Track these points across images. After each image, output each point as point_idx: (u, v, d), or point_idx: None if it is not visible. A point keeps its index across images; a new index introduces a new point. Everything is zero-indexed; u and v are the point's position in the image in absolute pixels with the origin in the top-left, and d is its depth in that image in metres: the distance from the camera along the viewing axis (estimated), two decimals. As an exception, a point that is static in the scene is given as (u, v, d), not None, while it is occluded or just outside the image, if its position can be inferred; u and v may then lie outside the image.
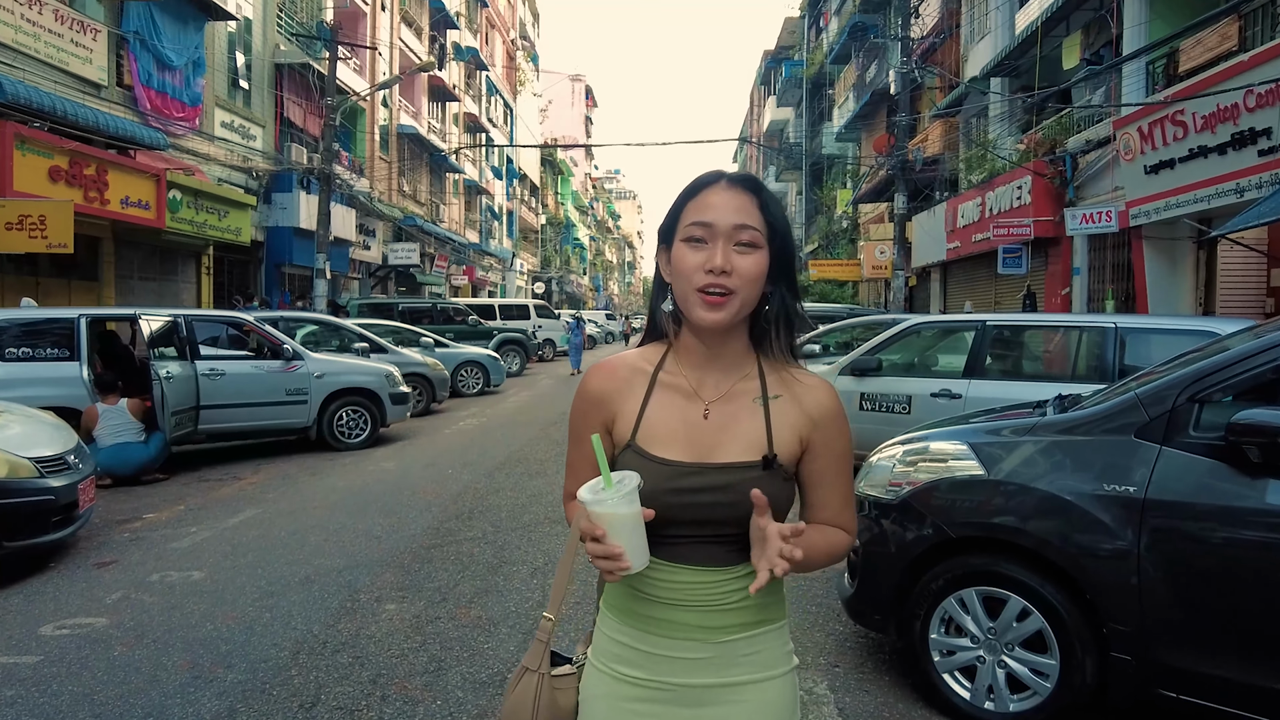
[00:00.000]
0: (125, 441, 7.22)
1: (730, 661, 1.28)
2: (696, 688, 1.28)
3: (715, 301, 1.24)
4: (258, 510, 6.23)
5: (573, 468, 1.39)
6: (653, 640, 1.28)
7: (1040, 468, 2.94)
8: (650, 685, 1.29)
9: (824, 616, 4.06)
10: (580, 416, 1.36)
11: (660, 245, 1.34)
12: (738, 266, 1.24)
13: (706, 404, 1.30)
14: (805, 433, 1.31)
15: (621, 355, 1.38)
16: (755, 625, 1.29)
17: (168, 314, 8.29)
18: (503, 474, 7.50)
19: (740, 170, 8.04)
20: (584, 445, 1.34)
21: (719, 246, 1.24)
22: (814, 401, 1.32)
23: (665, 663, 1.28)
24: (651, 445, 1.28)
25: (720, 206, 1.25)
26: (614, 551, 1.15)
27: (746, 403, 1.30)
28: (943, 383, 6.53)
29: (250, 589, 4.37)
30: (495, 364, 15.46)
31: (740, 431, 1.28)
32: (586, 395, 1.36)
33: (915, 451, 3.37)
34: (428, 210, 29.31)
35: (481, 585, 4.40)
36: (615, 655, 1.32)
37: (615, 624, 1.32)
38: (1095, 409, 2.97)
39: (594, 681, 1.34)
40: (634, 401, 1.32)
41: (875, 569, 3.31)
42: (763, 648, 1.30)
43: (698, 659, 1.27)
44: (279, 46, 18.76)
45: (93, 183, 11.61)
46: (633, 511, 1.16)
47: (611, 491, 1.17)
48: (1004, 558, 2.97)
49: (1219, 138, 9.23)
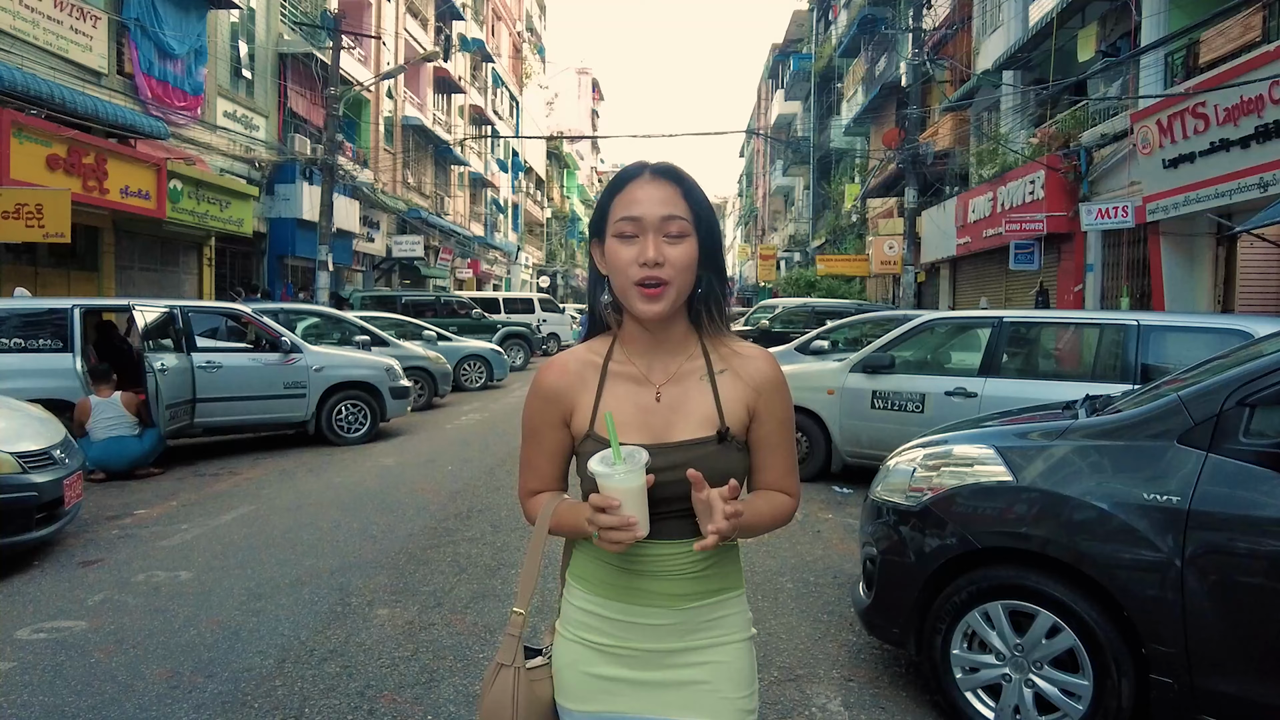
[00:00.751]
0: (119, 435, 7.06)
1: (693, 627, 1.35)
2: (660, 651, 1.34)
3: (652, 294, 1.29)
4: (251, 507, 6.07)
5: (530, 465, 1.44)
6: (620, 608, 1.34)
7: (1074, 474, 2.74)
8: (617, 651, 1.35)
9: (836, 625, 3.87)
10: (536, 414, 1.41)
11: (593, 239, 1.38)
12: (669, 257, 1.28)
13: (657, 387, 1.36)
14: (751, 401, 1.36)
15: (570, 351, 1.43)
16: (716, 593, 1.36)
17: (164, 305, 8.12)
18: (503, 471, 7.33)
19: (744, 166, 7.68)
20: (541, 441, 1.41)
21: (649, 239, 1.28)
22: (755, 370, 1.38)
23: (632, 629, 1.34)
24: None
25: (646, 200, 1.30)
26: (629, 521, 1.21)
27: (694, 381, 1.36)
28: (958, 381, 6.33)
29: (238, 591, 4.20)
30: (499, 358, 15.28)
31: (692, 409, 1.34)
32: (541, 392, 1.41)
33: (937, 455, 3.17)
34: (432, 203, 29.12)
35: (478, 589, 4.22)
36: (582, 624, 1.37)
37: (582, 594, 1.38)
38: (1134, 412, 2.77)
39: (562, 651, 1.39)
40: (588, 394, 1.37)
41: (894, 580, 3.12)
42: (723, 613, 1.37)
43: (663, 625, 1.34)
44: (282, 36, 18.57)
45: (92, 172, 11.44)
46: (641, 484, 1.22)
47: (623, 465, 1.23)
48: (1033, 570, 2.78)
49: (1242, 130, 8.98)
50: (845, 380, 6.84)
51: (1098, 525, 2.63)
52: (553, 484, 1.44)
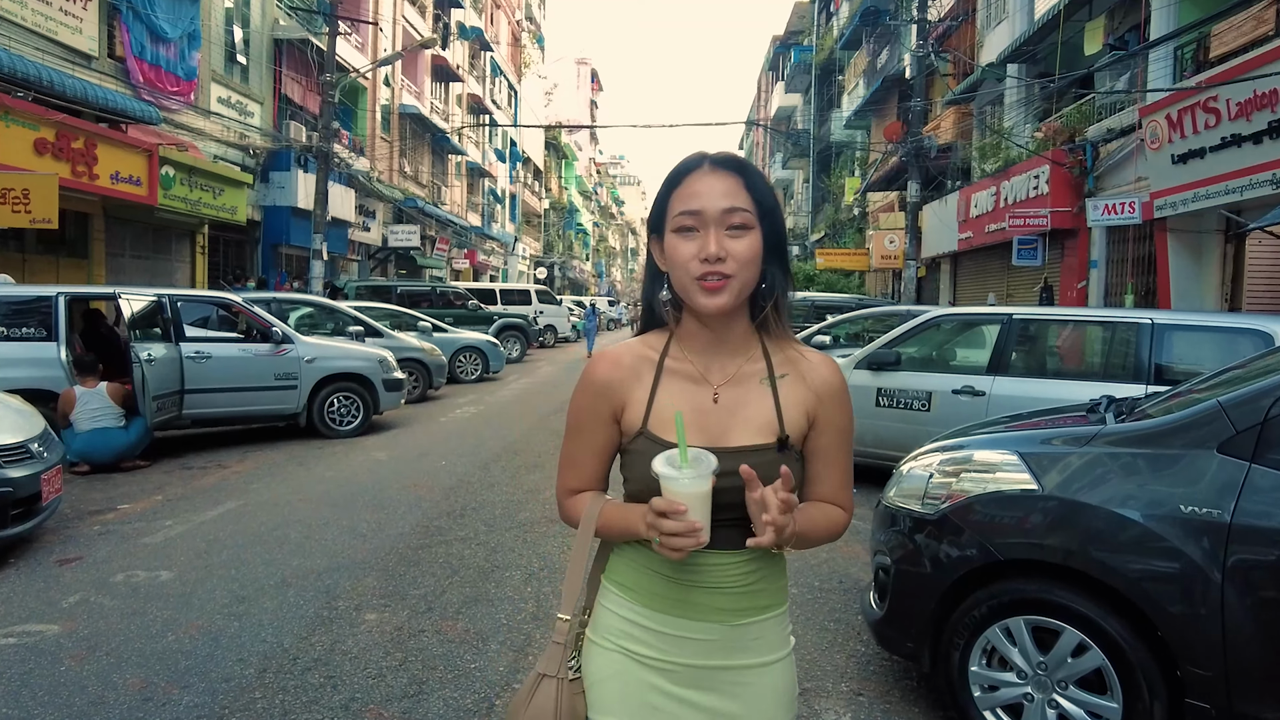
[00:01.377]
0: (104, 426, 6.87)
1: (740, 645, 1.29)
2: (706, 669, 1.28)
3: (714, 287, 1.23)
4: (239, 502, 5.90)
5: (573, 462, 1.37)
6: (667, 620, 1.28)
7: (1104, 484, 2.58)
8: (662, 665, 1.28)
9: (844, 635, 3.72)
10: (585, 407, 1.34)
11: (651, 235, 1.33)
12: (732, 250, 1.23)
13: (715, 388, 1.30)
14: (811, 409, 1.31)
15: (625, 344, 1.35)
16: (764, 610, 1.31)
17: (151, 293, 7.92)
18: (498, 466, 7.16)
19: (746, 155, 7.49)
20: (587, 437, 1.34)
21: (711, 233, 1.22)
22: (819, 378, 1.32)
23: (678, 642, 1.28)
24: (665, 431, 1.27)
25: (707, 192, 1.24)
26: (695, 526, 1.16)
27: (754, 384, 1.30)
28: (965, 379, 6.16)
29: (221, 592, 4.03)
30: (494, 350, 15.10)
31: (750, 414, 1.29)
32: (593, 385, 1.33)
33: (956, 460, 3.01)
34: (429, 192, 28.86)
35: (471, 593, 4.05)
36: (624, 633, 1.30)
37: (625, 601, 1.31)
38: (1169, 419, 2.60)
39: (602, 662, 1.32)
40: (642, 389, 1.31)
41: (909, 591, 2.96)
42: (767, 633, 1.32)
43: (710, 640, 1.28)
44: (278, 21, 18.30)
45: (81, 156, 11.22)
46: (708, 489, 1.17)
47: (690, 469, 1.17)
48: (1059, 584, 2.62)
49: (1255, 125, 8.80)
50: (850, 377, 6.64)
51: (1130, 538, 2.47)
52: (594, 483, 1.38)
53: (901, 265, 18.82)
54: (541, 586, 4.14)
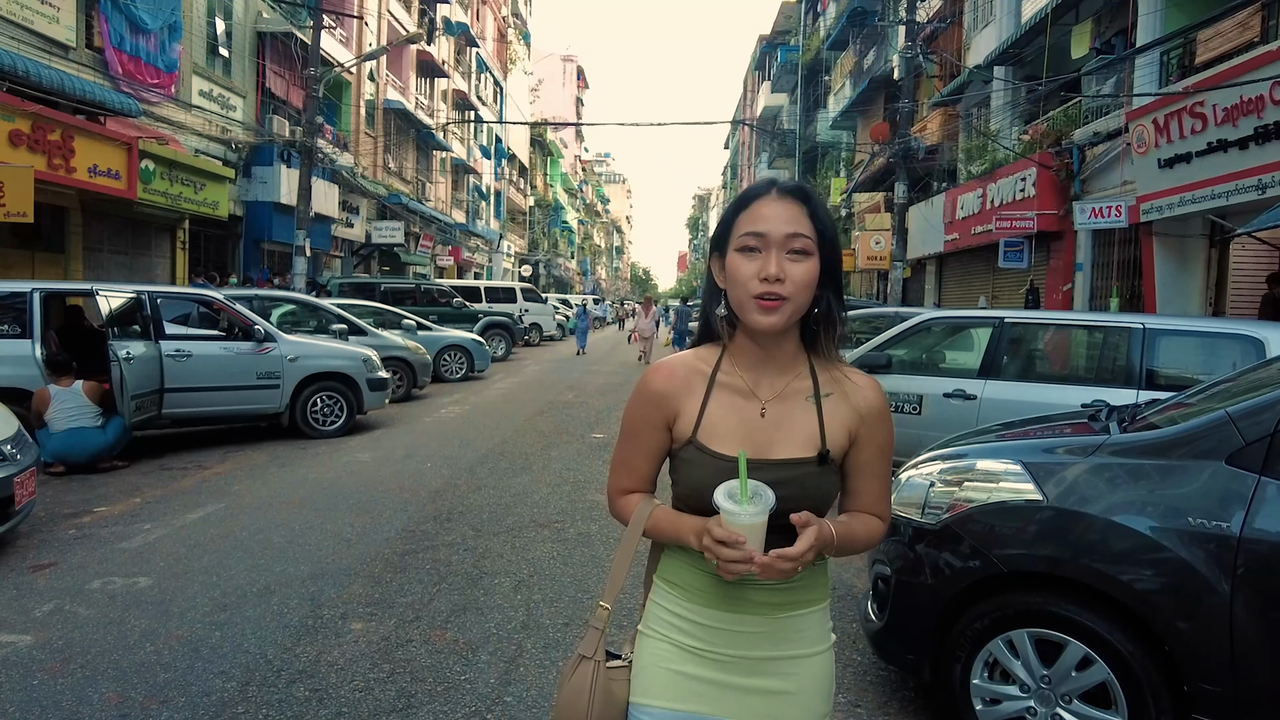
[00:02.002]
0: (80, 426, 6.71)
1: (784, 637, 1.37)
2: (751, 659, 1.36)
3: (770, 306, 1.30)
4: (220, 505, 5.77)
5: (626, 464, 1.46)
6: (715, 615, 1.36)
7: (1109, 495, 2.54)
8: (709, 655, 1.37)
9: (840, 644, 3.66)
10: (640, 415, 1.43)
11: (713, 253, 1.40)
12: (790, 274, 1.30)
13: (763, 403, 1.38)
14: (854, 427, 1.38)
15: (679, 356, 1.44)
16: (807, 604, 1.39)
17: (130, 290, 7.76)
18: (485, 469, 7.06)
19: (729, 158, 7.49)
20: (641, 442, 1.43)
21: (772, 255, 1.30)
22: (862, 399, 1.39)
23: (725, 635, 1.36)
24: (712, 441, 1.35)
25: (772, 217, 1.31)
26: (751, 555, 1.24)
27: (800, 401, 1.38)
28: (956, 382, 6.14)
29: (201, 600, 3.92)
30: (480, 348, 14.97)
31: (795, 429, 1.36)
32: (649, 394, 1.42)
33: (958, 469, 2.96)
34: (413, 188, 28.63)
35: (459, 601, 3.96)
36: (672, 625, 1.39)
37: (674, 598, 1.40)
38: (1176, 429, 2.56)
39: (647, 650, 1.40)
40: (694, 401, 1.39)
41: (909, 603, 2.91)
42: (810, 625, 1.40)
43: (756, 633, 1.36)
44: (261, 14, 18.05)
45: (58, 149, 10.99)
46: (763, 522, 1.26)
47: (751, 506, 1.26)
48: (1063, 597, 2.57)
49: (1241, 131, 8.86)
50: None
51: (1137, 551, 2.42)
52: (645, 484, 1.47)
53: (888, 266, 18.85)
54: (531, 594, 4.06)
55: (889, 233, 19.79)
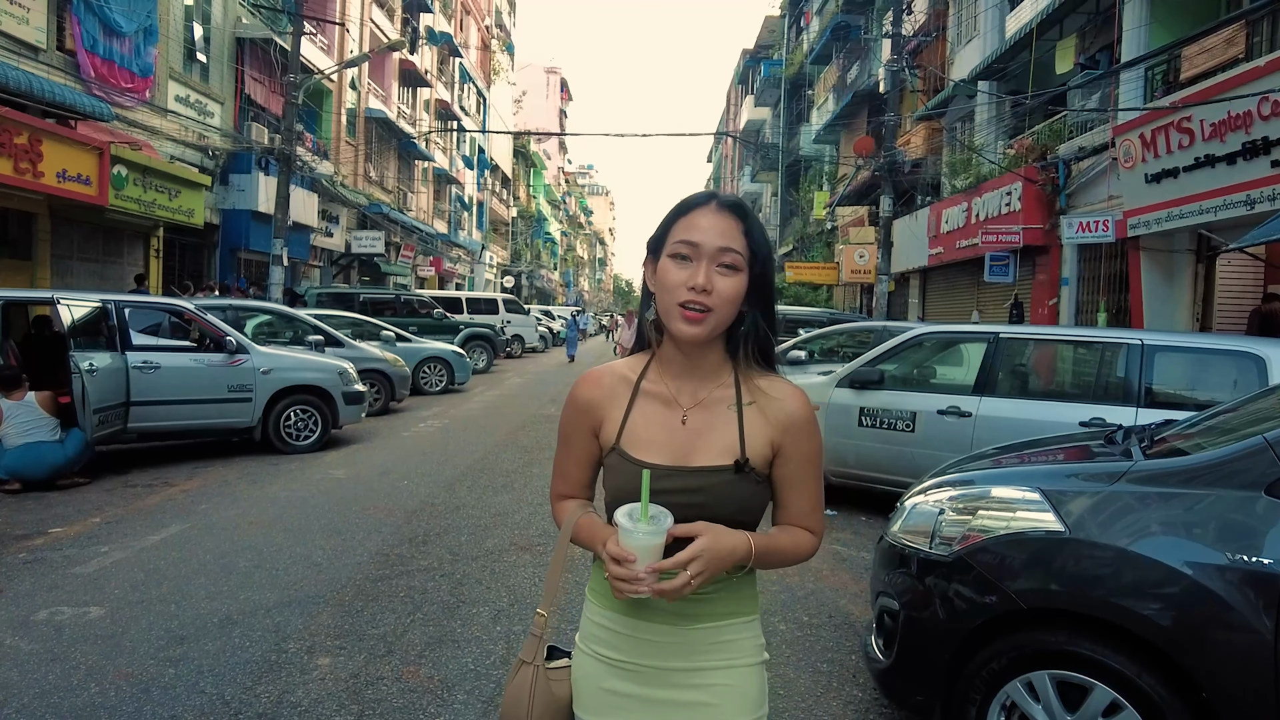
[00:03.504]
0: (37, 440, 6.40)
1: (700, 648, 1.36)
2: (668, 670, 1.36)
3: (693, 317, 1.31)
4: (184, 525, 5.48)
5: (562, 470, 1.50)
6: (629, 623, 1.37)
7: (1139, 527, 2.35)
8: (625, 666, 1.37)
9: (839, 679, 3.46)
10: (569, 422, 1.47)
11: (648, 257, 1.40)
12: (718, 287, 1.30)
13: (685, 410, 1.39)
14: (776, 438, 1.37)
15: (609, 365, 1.47)
16: (725, 616, 1.37)
17: (96, 299, 7.45)
18: (464, 486, 6.81)
19: (712, 171, 7.31)
20: (572, 448, 1.47)
21: (702, 266, 1.30)
22: (783, 410, 1.38)
23: (640, 644, 1.37)
24: (634, 449, 1.37)
25: (707, 228, 1.32)
26: (638, 577, 1.24)
27: (722, 410, 1.38)
28: (951, 399, 5.97)
29: (156, 632, 3.65)
30: (460, 360, 14.69)
31: (715, 437, 1.36)
32: (576, 402, 1.46)
33: (970, 497, 2.77)
34: (395, 198, 28.33)
35: (435, 633, 3.72)
36: (597, 638, 1.41)
37: (597, 608, 1.42)
38: (1208, 456, 2.39)
39: (579, 663, 1.43)
40: (618, 409, 1.41)
41: (920, 640, 2.71)
42: (732, 637, 1.38)
43: (668, 643, 1.36)
44: (241, 19, 17.78)
45: (24, 153, 10.64)
46: (659, 544, 1.25)
47: (647, 526, 1.25)
48: (1088, 636, 2.38)
49: (1229, 146, 8.83)
50: (831, 395, 6.46)
51: (1169, 587, 2.24)
52: (581, 491, 1.49)
53: (873, 279, 18.79)
54: (511, 625, 3.82)
55: (873, 246, 19.76)
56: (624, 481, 1.35)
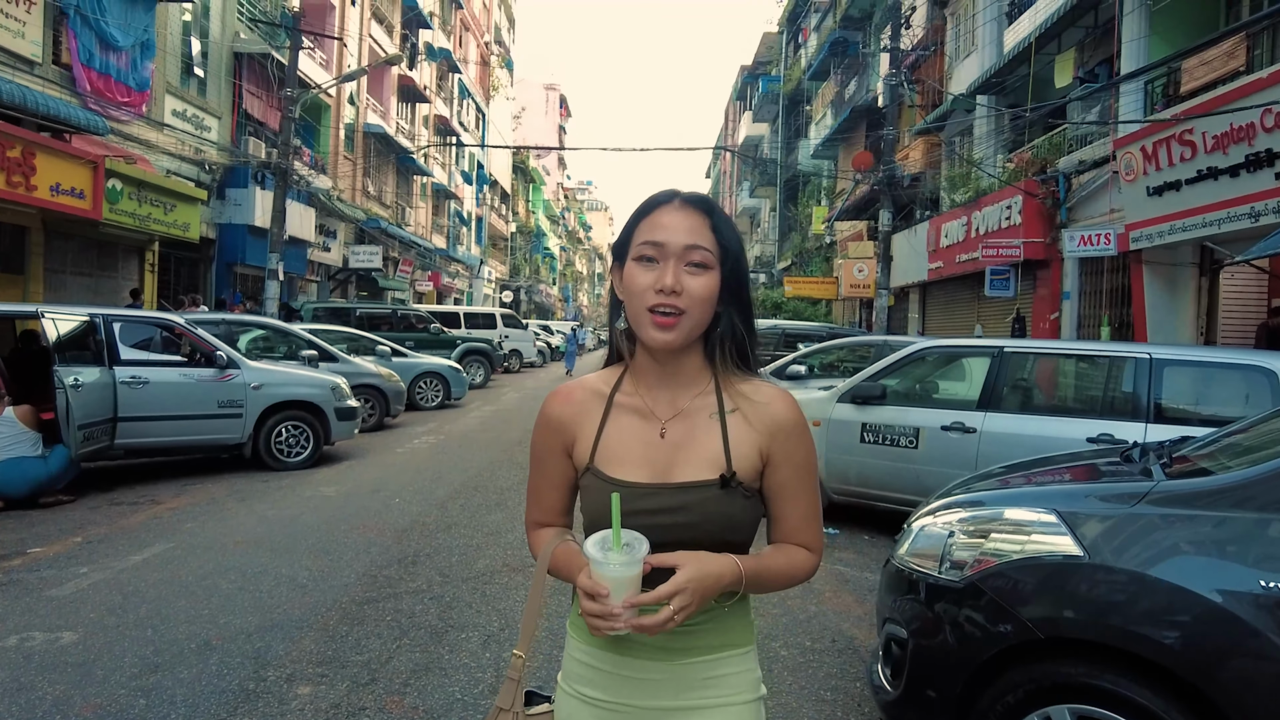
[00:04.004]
0: (19, 456, 6.25)
1: (689, 684, 1.26)
2: (656, 709, 1.27)
3: (665, 323, 1.23)
4: (168, 545, 5.33)
5: (536, 494, 1.40)
6: (613, 659, 1.27)
7: (1163, 551, 2.22)
8: (611, 706, 1.28)
9: (843, 706, 3.30)
10: (540, 442, 1.38)
11: (614, 263, 1.33)
12: (688, 287, 1.23)
13: (663, 423, 1.30)
14: (764, 445, 1.28)
15: (580, 379, 1.38)
16: (717, 649, 1.28)
17: (83, 313, 7.33)
18: (457, 505, 6.65)
19: (710, 187, 7.30)
20: (545, 470, 1.37)
21: (670, 266, 1.23)
22: (768, 414, 1.29)
23: (625, 683, 1.27)
24: (609, 467, 1.28)
25: (672, 227, 1.24)
26: (613, 612, 1.14)
27: (703, 419, 1.29)
28: (955, 415, 5.84)
29: (131, 659, 3.50)
30: (457, 375, 14.55)
31: (697, 450, 1.27)
32: (545, 421, 1.37)
33: (983, 519, 2.63)
34: (393, 213, 28.29)
35: (421, 659, 3.56)
36: (579, 676, 1.31)
37: (578, 644, 1.32)
38: (1236, 476, 2.25)
39: (561, 707, 1.33)
40: (591, 425, 1.32)
41: (930, 671, 2.56)
42: (726, 672, 1.28)
43: (657, 680, 1.26)
44: (239, 34, 17.76)
45: (17, 166, 10.54)
46: (635, 574, 1.15)
47: (620, 556, 1.15)
48: (1111, 669, 2.24)
49: (1232, 159, 8.75)
50: (833, 411, 6.33)
51: (1197, 616, 2.10)
52: (557, 517, 1.39)
53: (872, 294, 18.70)
54: (501, 651, 3.67)
55: (872, 260, 19.68)
56: (602, 504, 1.23)
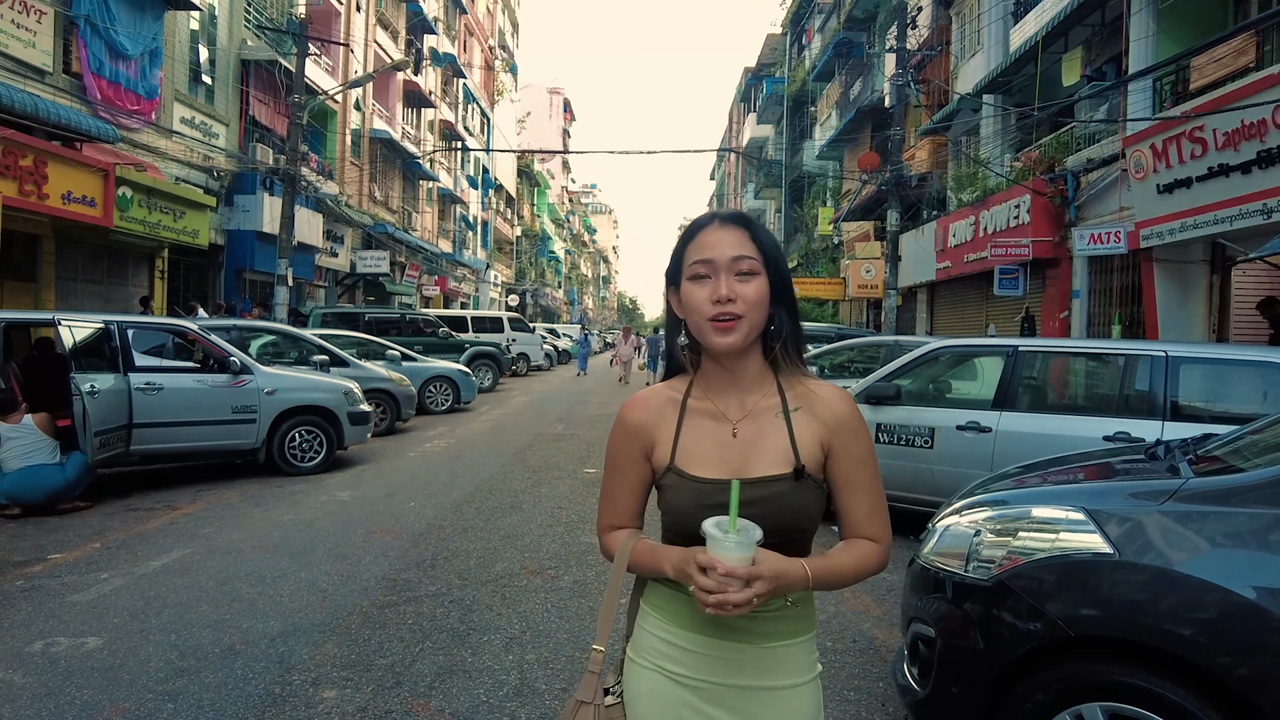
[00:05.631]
0: (37, 464, 6.29)
1: (768, 666, 1.36)
2: (737, 688, 1.36)
3: (725, 326, 1.34)
4: (186, 550, 5.35)
5: (611, 499, 1.48)
6: (700, 640, 1.36)
7: (1197, 550, 2.21)
8: (694, 682, 1.36)
9: (868, 707, 3.30)
10: (619, 447, 1.46)
11: (669, 288, 1.45)
12: (741, 293, 1.34)
13: (734, 424, 1.40)
14: (825, 438, 1.38)
15: (652, 388, 1.48)
16: (793, 634, 1.38)
17: (99, 320, 7.37)
18: (471, 508, 6.67)
19: (715, 189, 7.34)
20: (623, 475, 1.45)
21: (721, 278, 1.34)
22: (828, 409, 1.40)
23: (710, 661, 1.36)
24: (689, 466, 1.38)
25: (717, 243, 1.36)
26: (726, 588, 1.22)
27: (770, 418, 1.39)
28: (970, 414, 5.83)
29: (156, 663, 3.51)
30: (466, 379, 14.58)
31: (768, 446, 1.37)
32: (625, 427, 1.46)
33: (1010, 518, 2.63)
34: (399, 218, 28.36)
35: (445, 662, 3.57)
36: (661, 652, 1.39)
37: (661, 623, 1.40)
38: (1271, 472, 2.25)
39: (639, 679, 1.40)
40: (669, 429, 1.42)
41: (958, 670, 2.56)
42: (796, 655, 1.39)
43: (740, 660, 1.35)
44: (246, 41, 17.84)
45: (29, 175, 10.61)
46: (748, 556, 1.24)
47: (736, 536, 1.24)
48: (1144, 668, 2.23)
49: (1243, 155, 8.72)
50: (847, 411, 6.32)
51: (1234, 616, 2.09)
52: (630, 520, 1.48)
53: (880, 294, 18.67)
54: (524, 654, 3.67)
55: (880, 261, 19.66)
56: (684, 500, 1.36)
